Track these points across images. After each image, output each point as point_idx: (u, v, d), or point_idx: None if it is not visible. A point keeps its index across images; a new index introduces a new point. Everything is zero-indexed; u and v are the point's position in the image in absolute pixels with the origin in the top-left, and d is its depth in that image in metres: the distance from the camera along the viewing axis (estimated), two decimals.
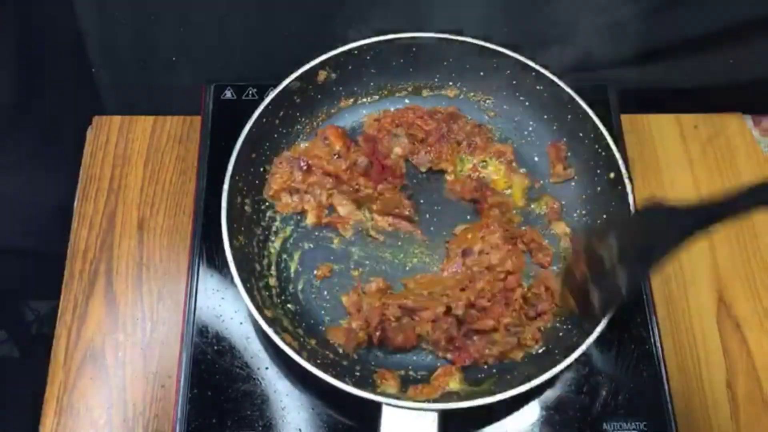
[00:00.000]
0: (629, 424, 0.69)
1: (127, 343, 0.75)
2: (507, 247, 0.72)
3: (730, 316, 0.78)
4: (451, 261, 0.74)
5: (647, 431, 0.68)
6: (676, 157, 0.87)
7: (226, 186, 0.69)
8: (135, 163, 0.85)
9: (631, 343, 0.72)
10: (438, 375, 0.68)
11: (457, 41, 0.78)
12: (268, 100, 0.75)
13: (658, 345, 0.72)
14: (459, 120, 0.81)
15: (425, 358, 0.70)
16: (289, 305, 0.72)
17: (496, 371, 0.68)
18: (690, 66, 0.89)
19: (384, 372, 0.67)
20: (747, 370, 0.75)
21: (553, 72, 0.76)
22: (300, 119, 0.80)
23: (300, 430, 0.68)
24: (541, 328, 0.71)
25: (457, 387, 0.66)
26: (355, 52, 0.78)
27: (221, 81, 0.85)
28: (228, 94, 0.84)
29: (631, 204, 0.70)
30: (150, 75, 0.91)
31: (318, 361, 0.64)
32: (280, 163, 0.77)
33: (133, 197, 0.83)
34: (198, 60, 0.90)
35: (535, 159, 0.81)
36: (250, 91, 0.85)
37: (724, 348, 0.76)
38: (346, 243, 0.76)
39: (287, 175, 0.77)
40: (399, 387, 0.66)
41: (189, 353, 0.71)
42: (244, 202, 0.73)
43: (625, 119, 0.85)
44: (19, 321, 1.32)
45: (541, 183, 0.80)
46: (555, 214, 0.78)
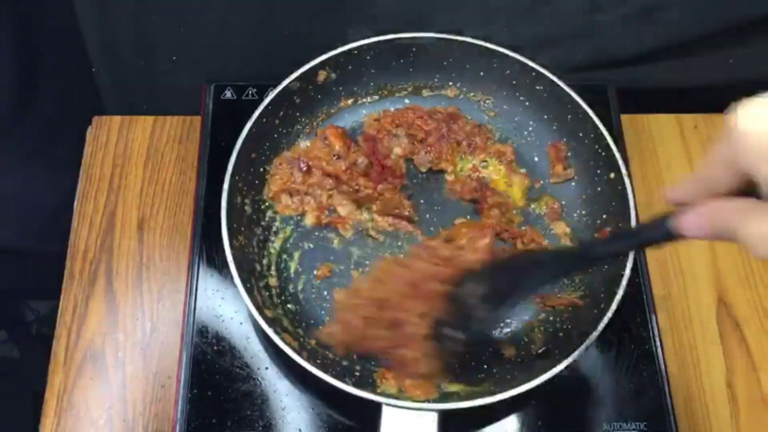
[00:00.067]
0: (629, 424, 0.69)
1: (127, 343, 0.75)
2: (486, 255, 0.72)
3: (730, 315, 0.78)
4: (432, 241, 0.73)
5: (647, 431, 0.68)
6: (676, 157, 0.87)
7: (226, 186, 0.69)
8: (135, 163, 0.85)
9: (631, 343, 0.72)
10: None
11: (457, 41, 0.78)
12: (268, 100, 0.74)
13: (658, 345, 0.72)
14: (459, 120, 0.81)
15: None
16: (289, 305, 0.72)
17: (496, 371, 0.68)
18: (690, 66, 0.89)
19: (384, 371, 0.67)
20: (747, 370, 0.75)
21: (553, 72, 0.76)
22: (300, 119, 0.80)
23: (300, 430, 0.68)
24: (542, 328, 0.71)
25: (457, 387, 0.66)
26: (355, 52, 0.78)
27: (221, 81, 0.85)
28: (228, 94, 0.85)
29: (631, 204, 0.70)
30: (150, 75, 0.91)
31: (318, 361, 0.64)
32: (279, 164, 0.77)
33: (133, 197, 0.83)
34: (198, 60, 0.90)
35: (535, 159, 0.81)
36: (250, 91, 0.85)
37: (724, 348, 0.76)
38: (346, 243, 0.76)
39: (287, 176, 0.77)
40: (399, 387, 0.66)
41: (189, 353, 0.71)
42: (244, 202, 0.73)
43: (625, 119, 0.85)
44: (19, 321, 1.32)
45: (541, 183, 0.80)
46: (555, 214, 0.78)
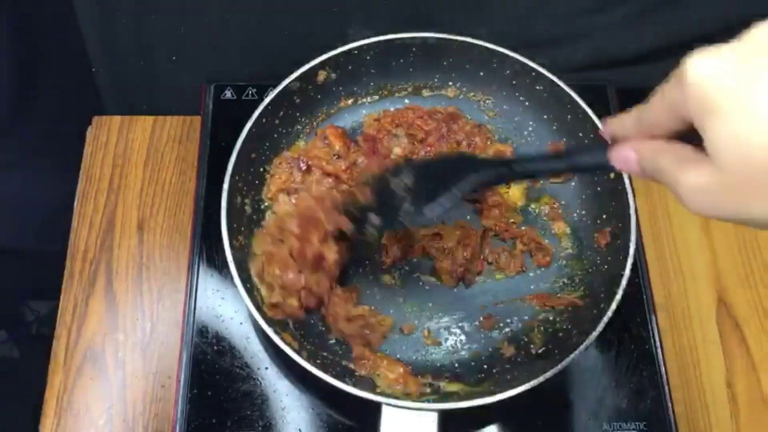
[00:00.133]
0: (629, 424, 0.69)
1: (127, 343, 0.75)
2: (465, 262, 0.73)
3: (730, 315, 0.78)
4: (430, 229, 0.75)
5: (647, 431, 0.68)
6: None
7: (226, 186, 0.69)
8: (135, 163, 0.85)
9: (631, 343, 0.73)
10: None
11: (457, 41, 0.78)
12: (268, 100, 0.74)
13: (658, 345, 0.72)
14: (459, 120, 0.81)
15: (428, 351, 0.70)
16: None
17: (496, 371, 0.68)
18: None
19: (356, 356, 0.68)
20: (747, 369, 0.75)
21: (553, 72, 0.76)
22: (300, 119, 0.80)
23: (300, 430, 0.68)
24: (542, 328, 0.71)
25: (457, 387, 0.66)
26: (355, 52, 0.78)
27: (221, 81, 0.85)
28: (228, 94, 0.85)
29: (631, 204, 0.70)
30: (150, 75, 0.91)
31: (318, 361, 0.64)
32: (279, 164, 0.77)
33: (133, 197, 0.83)
34: (198, 60, 0.90)
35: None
36: (250, 91, 0.85)
37: (724, 348, 0.76)
38: None
39: (286, 176, 0.77)
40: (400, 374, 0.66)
41: (189, 353, 0.71)
42: (244, 202, 0.73)
43: None
44: (19, 321, 1.32)
45: (541, 183, 0.80)
46: (555, 214, 0.78)
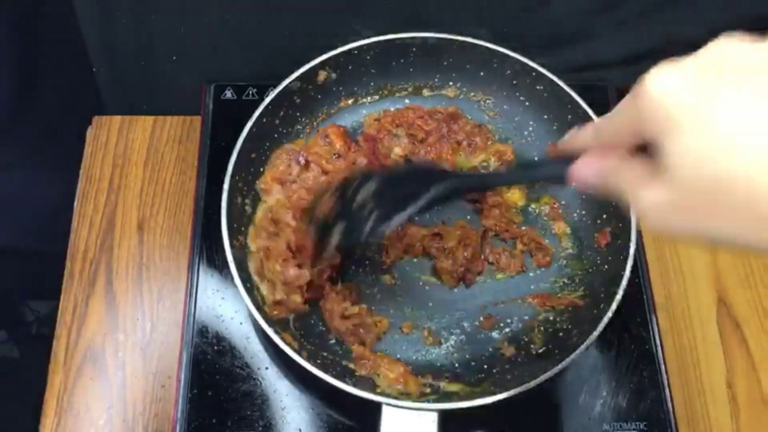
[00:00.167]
0: (629, 424, 0.69)
1: (127, 343, 0.75)
2: (465, 262, 0.73)
3: (730, 316, 0.78)
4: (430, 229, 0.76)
5: (647, 431, 0.68)
6: None
7: (226, 186, 0.69)
8: (135, 163, 0.85)
9: (631, 343, 0.72)
10: None
11: (457, 41, 0.78)
12: (268, 100, 0.74)
13: (658, 345, 0.72)
14: (459, 120, 0.81)
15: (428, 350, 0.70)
16: None
17: (496, 371, 0.68)
18: None
19: (356, 356, 0.68)
20: (747, 369, 0.75)
21: (553, 72, 0.76)
22: (300, 119, 0.80)
23: (300, 430, 0.68)
24: (542, 328, 0.71)
25: (457, 387, 0.66)
26: (355, 52, 0.78)
27: (221, 81, 0.85)
28: (228, 94, 0.84)
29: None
30: (150, 75, 0.91)
31: (318, 361, 0.64)
32: (279, 155, 0.77)
33: (133, 197, 0.83)
34: (198, 60, 0.90)
35: (535, 159, 0.81)
36: (250, 91, 0.85)
37: (724, 348, 0.76)
38: None
39: (284, 167, 0.76)
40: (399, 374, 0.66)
41: (189, 353, 0.71)
42: (244, 202, 0.73)
43: None
44: (19, 321, 1.32)
45: (541, 183, 0.80)
46: (555, 214, 0.78)
